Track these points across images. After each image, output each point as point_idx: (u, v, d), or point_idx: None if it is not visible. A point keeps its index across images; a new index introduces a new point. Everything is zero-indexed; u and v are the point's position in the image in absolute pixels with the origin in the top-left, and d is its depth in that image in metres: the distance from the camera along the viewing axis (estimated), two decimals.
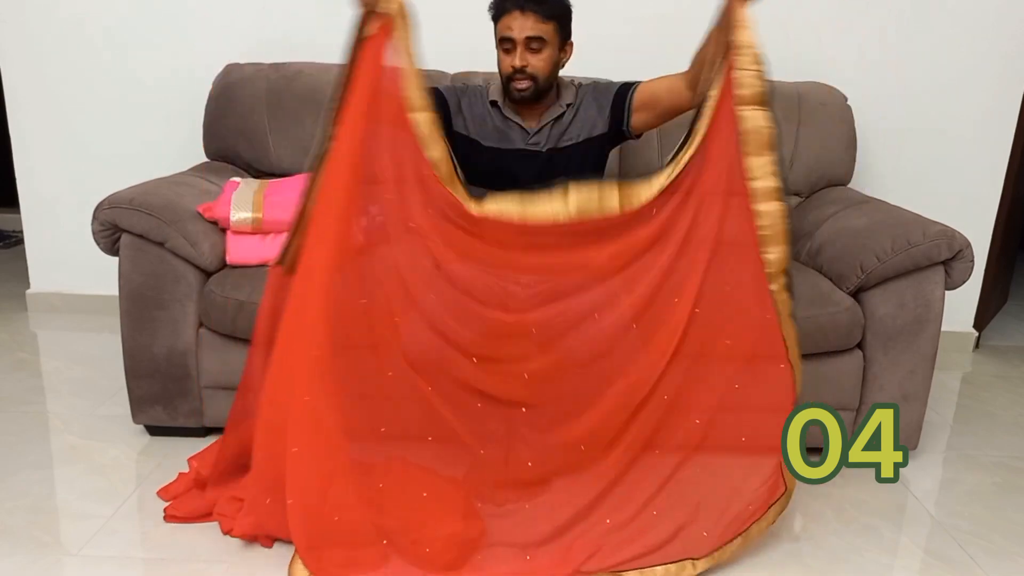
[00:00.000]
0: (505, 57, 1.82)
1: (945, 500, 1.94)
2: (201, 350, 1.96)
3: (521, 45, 1.78)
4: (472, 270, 1.60)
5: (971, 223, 2.44)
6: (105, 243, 1.93)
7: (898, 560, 1.70)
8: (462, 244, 1.58)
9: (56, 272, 2.89)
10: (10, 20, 2.64)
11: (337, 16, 2.61)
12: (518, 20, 1.76)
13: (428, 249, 1.57)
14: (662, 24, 2.54)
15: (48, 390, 2.33)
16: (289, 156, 2.40)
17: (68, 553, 1.59)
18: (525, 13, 1.76)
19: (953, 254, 1.91)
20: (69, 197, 2.77)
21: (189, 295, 1.94)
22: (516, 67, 1.80)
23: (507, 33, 1.78)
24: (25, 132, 2.76)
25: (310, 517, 1.51)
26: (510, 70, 1.81)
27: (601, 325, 1.62)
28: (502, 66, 1.84)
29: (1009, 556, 1.72)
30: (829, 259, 2.07)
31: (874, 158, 2.70)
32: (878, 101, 2.65)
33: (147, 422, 2.03)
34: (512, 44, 1.79)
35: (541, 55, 1.79)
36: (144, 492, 1.81)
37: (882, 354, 1.97)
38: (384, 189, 1.57)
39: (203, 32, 2.63)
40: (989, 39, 2.63)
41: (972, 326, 2.94)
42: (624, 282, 1.60)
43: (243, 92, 2.40)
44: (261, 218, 1.98)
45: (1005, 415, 2.42)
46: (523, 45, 1.78)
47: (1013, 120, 2.71)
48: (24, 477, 1.85)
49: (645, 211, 1.55)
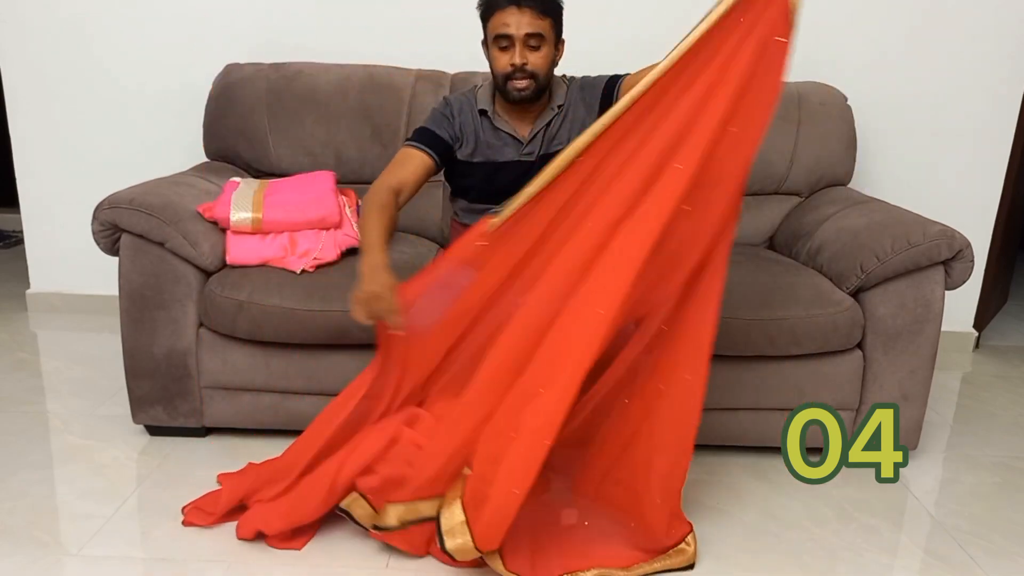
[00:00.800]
0: (502, 55, 1.74)
1: (945, 500, 1.94)
2: (201, 350, 1.96)
3: (520, 42, 1.71)
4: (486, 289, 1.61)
5: (971, 223, 2.44)
6: (105, 243, 1.93)
7: (898, 560, 1.69)
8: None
9: (56, 272, 2.90)
10: (10, 20, 2.64)
11: (337, 16, 2.63)
12: (515, 16, 1.69)
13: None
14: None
15: (48, 390, 2.33)
16: (289, 156, 2.40)
17: (68, 553, 1.59)
18: (522, 9, 1.69)
19: (953, 254, 1.91)
20: (69, 197, 2.78)
21: (189, 295, 1.94)
22: (516, 65, 1.73)
23: (504, 30, 1.71)
24: (25, 132, 2.76)
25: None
26: (509, 69, 1.74)
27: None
28: (498, 65, 1.76)
29: (1009, 556, 1.72)
30: (829, 259, 2.07)
31: (874, 158, 2.70)
32: (878, 101, 2.65)
33: (147, 422, 2.03)
34: (510, 41, 1.71)
35: (540, 52, 1.73)
36: (144, 492, 1.81)
37: (882, 354, 1.97)
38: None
39: (203, 32, 2.63)
40: (989, 39, 2.63)
41: (972, 326, 2.94)
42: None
43: (243, 92, 2.40)
44: (261, 218, 1.98)
45: (1005, 415, 2.42)
46: (522, 42, 1.71)
47: (1013, 120, 2.71)
48: (24, 477, 1.85)
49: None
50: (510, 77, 1.76)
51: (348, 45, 2.59)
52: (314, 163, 2.38)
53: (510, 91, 1.77)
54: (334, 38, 2.62)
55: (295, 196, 2.06)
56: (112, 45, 2.66)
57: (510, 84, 1.76)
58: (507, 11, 1.70)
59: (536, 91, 1.78)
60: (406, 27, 2.62)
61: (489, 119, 1.86)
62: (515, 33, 1.71)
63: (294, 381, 1.96)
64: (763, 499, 1.86)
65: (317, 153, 2.40)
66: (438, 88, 2.40)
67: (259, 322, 1.89)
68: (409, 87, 2.41)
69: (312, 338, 1.90)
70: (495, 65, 1.77)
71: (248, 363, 1.96)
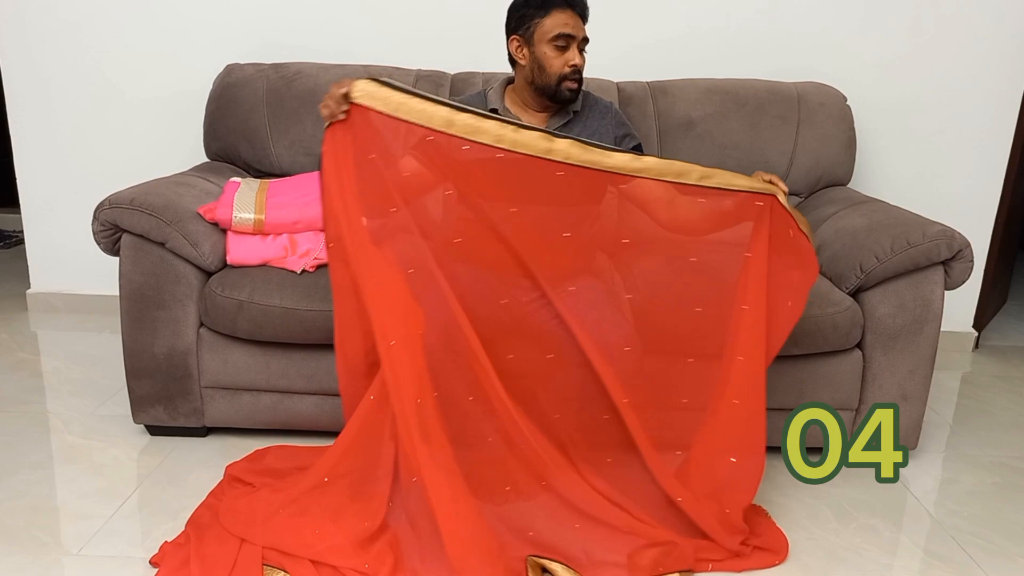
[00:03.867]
0: (560, 55, 1.74)
1: (945, 500, 1.94)
2: (201, 350, 1.96)
3: (578, 44, 1.74)
4: (476, 270, 1.60)
5: (971, 223, 2.44)
6: (106, 243, 1.93)
7: (898, 560, 1.70)
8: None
9: (56, 272, 2.90)
10: (10, 20, 2.64)
11: (337, 17, 2.63)
12: (573, 19, 1.72)
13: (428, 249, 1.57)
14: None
15: (48, 390, 2.33)
16: (289, 156, 2.40)
17: (68, 553, 1.59)
18: (575, 14, 1.73)
19: (953, 254, 1.91)
20: (69, 197, 2.78)
21: (190, 295, 1.94)
22: (577, 65, 1.74)
23: (566, 30, 1.72)
24: (25, 132, 2.75)
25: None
26: (568, 69, 1.74)
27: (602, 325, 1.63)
28: (553, 65, 1.74)
29: (1009, 556, 1.72)
30: (829, 259, 2.07)
31: (873, 158, 2.71)
32: (878, 101, 2.66)
33: (147, 422, 2.03)
34: (569, 42, 1.73)
35: (584, 57, 1.78)
36: (144, 492, 1.81)
37: (882, 354, 1.97)
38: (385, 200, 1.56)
39: (203, 32, 2.64)
40: (989, 39, 2.63)
41: (972, 326, 2.94)
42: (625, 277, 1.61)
43: (243, 92, 2.40)
44: (263, 220, 1.99)
45: (1005, 415, 2.42)
46: (579, 44, 1.74)
47: (1013, 120, 2.71)
48: (24, 477, 1.86)
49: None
50: (566, 77, 1.76)
51: (348, 45, 2.60)
52: (314, 163, 2.38)
53: (563, 91, 1.77)
54: (334, 38, 2.63)
55: (296, 197, 2.06)
56: (112, 45, 2.66)
57: (565, 84, 1.76)
58: (566, 12, 1.73)
59: (577, 96, 1.82)
60: (406, 27, 2.62)
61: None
62: (576, 34, 1.73)
63: (294, 381, 1.96)
64: (763, 499, 1.86)
65: (317, 153, 2.38)
66: (438, 89, 2.40)
67: (259, 322, 1.89)
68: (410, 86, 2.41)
69: (312, 338, 1.90)
70: (550, 64, 1.75)
71: (248, 363, 1.96)
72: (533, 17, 1.75)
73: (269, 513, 1.62)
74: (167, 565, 1.52)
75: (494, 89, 1.91)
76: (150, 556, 1.56)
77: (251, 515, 1.63)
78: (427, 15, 2.62)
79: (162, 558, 1.55)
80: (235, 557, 1.52)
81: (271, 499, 1.67)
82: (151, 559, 1.56)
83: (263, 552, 1.53)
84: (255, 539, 1.56)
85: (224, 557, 1.52)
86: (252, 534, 1.57)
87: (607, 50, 2.52)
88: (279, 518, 1.60)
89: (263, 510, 1.63)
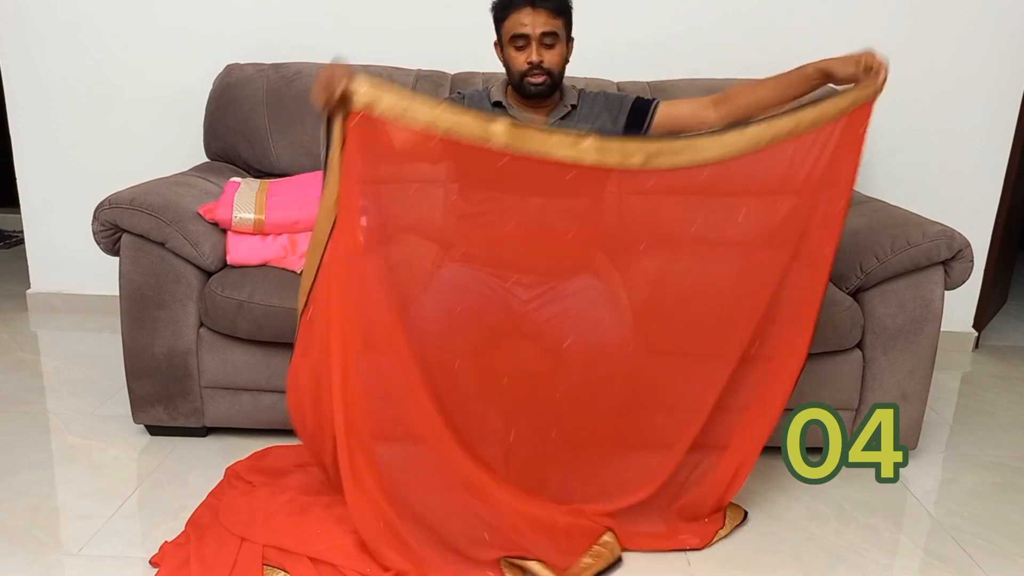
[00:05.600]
0: (518, 54, 1.78)
1: (945, 500, 1.94)
2: (201, 350, 1.96)
3: (536, 41, 1.75)
4: (474, 270, 1.60)
5: (971, 223, 2.44)
6: (106, 243, 1.93)
7: (898, 560, 1.70)
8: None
9: (56, 272, 2.89)
10: (10, 20, 2.64)
11: (337, 17, 2.63)
12: (530, 16, 1.74)
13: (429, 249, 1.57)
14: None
15: (48, 390, 2.33)
16: (289, 156, 2.40)
17: (68, 553, 1.59)
18: (536, 10, 1.74)
19: (953, 254, 1.91)
20: (69, 197, 2.78)
21: (190, 295, 1.94)
22: (533, 62, 1.77)
23: (521, 30, 1.75)
24: (25, 132, 2.75)
25: None
26: (526, 66, 1.78)
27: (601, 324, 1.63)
28: (515, 64, 1.80)
29: (1009, 556, 1.72)
30: None
31: (874, 158, 2.70)
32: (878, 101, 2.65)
33: (147, 422, 2.03)
34: (526, 40, 1.76)
35: (554, 51, 1.78)
36: (144, 492, 1.81)
37: (882, 354, 1.97)
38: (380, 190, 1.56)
39: (203, 32, 2.64)
40: (989, 39, 2.63)
41: (972, 326, 2.94)
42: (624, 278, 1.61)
43: (243, 92, 2.40)
44: (264, 220, 1.99)
45: (1005, 415, 2.42)
46: (538, 41, 1.76)
47: (1013, 120, 2.71)
48: (24, 477, 1.86)
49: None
50: (526, 74, 1.79)
51: (348, 45, 2.59)
52: (314, 163, 2.38)
53: (526, 86, 1.80)
54: (334, 38, 2.63)
55: (296, 197, 2.06)
56: (112, 45, 2.66)
57: (526, 80, 1.79)
58: (523, 11, 1.74)
59: (551, 86, 1.82)
60: (406, 27, 2.62)
61: (504, 109, 1.89)
62: (531, 32, 1.75)
63: None
64: (763, 499, 1.86)
65: (317, 153, 2.40)
66: (438, 88, 2.40)
67: (259, 322, 1.89)
68: (409, 87, 2.41)
69: None
70: (512, 64, 1.80)
71: (248, 363, 1.96)
72: (499, 20, 1.79)
73: (269, 512, 1.62)
74: (167, 565, 1.52)
75: (496, 87, 1.92)
76: (150, 556, 1.56)
77: (251, 514, 1.63)
78: (427, 15, 2.62)
79: (162, 558, 1.55)
80: (235, 557, 1.52)
81: (271, 499, 1.67)
82: (151, 559, 1.56)
83: (263, 552, 1.53)
84: (255, 538, 1.56)
85: (224, 557, 1.52)
86: (252, 533, 1.57)
87: (607, 50, 2.52)
88: (279, 517, 1.61)
89: (263, 509, 1.64)
